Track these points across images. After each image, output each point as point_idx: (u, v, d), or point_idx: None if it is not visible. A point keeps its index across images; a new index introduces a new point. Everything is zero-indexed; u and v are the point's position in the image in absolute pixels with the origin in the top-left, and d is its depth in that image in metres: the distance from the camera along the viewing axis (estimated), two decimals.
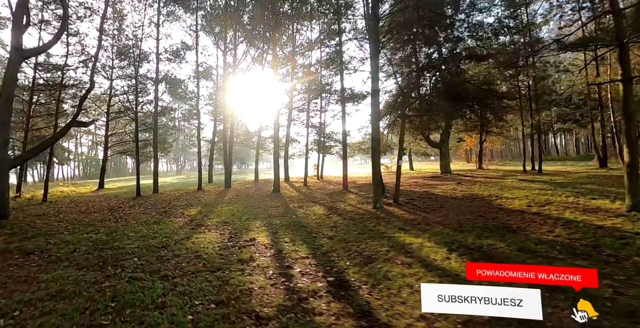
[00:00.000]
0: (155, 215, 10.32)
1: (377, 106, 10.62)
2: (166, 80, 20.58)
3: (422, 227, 7.64)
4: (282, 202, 12.60)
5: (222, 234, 7.30)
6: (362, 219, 8.68)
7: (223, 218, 9.37)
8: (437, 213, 9.38)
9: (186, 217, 9.74)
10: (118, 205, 13.34)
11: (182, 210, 11.10)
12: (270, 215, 9.75)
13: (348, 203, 11.64)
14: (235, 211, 10.50)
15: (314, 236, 6.98)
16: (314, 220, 8.72)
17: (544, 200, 10.27)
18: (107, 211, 11.62)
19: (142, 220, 9.17)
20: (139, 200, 14.76)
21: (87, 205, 13.57)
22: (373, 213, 9.54)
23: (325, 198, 13.25)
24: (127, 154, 24.90)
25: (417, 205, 10.97)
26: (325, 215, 9.51)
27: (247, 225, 8.31)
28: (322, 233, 7.29)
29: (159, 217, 9.73)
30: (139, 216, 9.95)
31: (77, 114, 9.87)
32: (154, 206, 12.63)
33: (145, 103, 21.33)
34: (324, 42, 20.66)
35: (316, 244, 6.38)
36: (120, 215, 10.32)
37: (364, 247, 6.05)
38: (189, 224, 8.59)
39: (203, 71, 21.34)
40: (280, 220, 8.80)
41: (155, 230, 7.64)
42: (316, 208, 10.83)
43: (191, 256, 5.49)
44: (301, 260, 5.36)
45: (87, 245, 6.22)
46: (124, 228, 7.99)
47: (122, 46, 19.91)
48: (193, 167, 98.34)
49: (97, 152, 64.04)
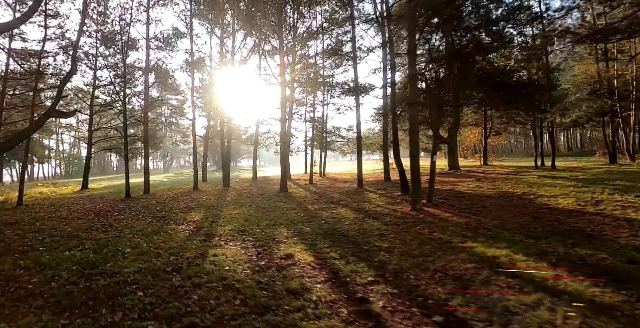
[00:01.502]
0: (152, 221, 8.67)
1: (415, 93, 9.18)
2: (156, 70, 18.69)
3: (485, 233, 6.37)
4: (296, 203, 11.10)
5: (246, 248, 5.76)
6: (407, 224, 7.29)
7: (236, 224, 7.81)
8: (485, 214, 8.14)
9: (190, 224, 8.14)
10: (105, 208, 11.59)
11: (183, 215, 9.48)
12: (291, 220, 8.24)
13: (375, 203, 10.23)
14: (248, 216, 8.95)
15: (365, 249, 5.52)
16: (350, 227, 7.26)
17: (591, 198, 9.26)
18: (93, 216, 9.90)
19: (137, 229, 7.53)
20: (129, 202, 13.00)
21: (69, 208, 11.77)
22: (415, 215, 8.16)
23: (343, 198, 11.81)
24: (112, 151, 22.86)
25: (455, 204, 9.71)
26: (358, 219, 8.06)
27: (270, 234, 6.78)
28: (373, 244, 5.85)
29: (157, 224, 8.10)
30: (132, 224, 8.29)
31: (56, 102, 8.13)
32: (147, 209, 10.94)
33: (132, 95, 19.39)
34: (329, 29, 19.13)
35: (376, 260, 4.93)
36: (109, 222, 8.63)
37: (442, 264, 4.67)
38: (197, 233, 7.02)
39: (196, 60, 19.51)
40: (309, 227, 7.31)
41: (156, 244, 6.05)
42: (342, 210, 9.38)
43: (217, 285, 3.96)
44: (373, 287, 3.92)
45: (69, 269, 4.61)
46: (116, 241, 6.36)
47: (108, 32, 17.92)
48: (180, 164, 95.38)
49: (79, 149, 60.96)
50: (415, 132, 9.08)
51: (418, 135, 9.12)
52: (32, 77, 15.31)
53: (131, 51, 18.71)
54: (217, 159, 53.41)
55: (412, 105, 9.06)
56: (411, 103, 9.05)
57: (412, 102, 9.03)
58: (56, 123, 43.80)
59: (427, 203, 9.76)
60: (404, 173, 12.38)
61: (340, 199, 11.63)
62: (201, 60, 22.22)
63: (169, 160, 77.80)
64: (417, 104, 9.10)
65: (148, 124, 17.11)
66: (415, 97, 9.10)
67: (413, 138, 9.07)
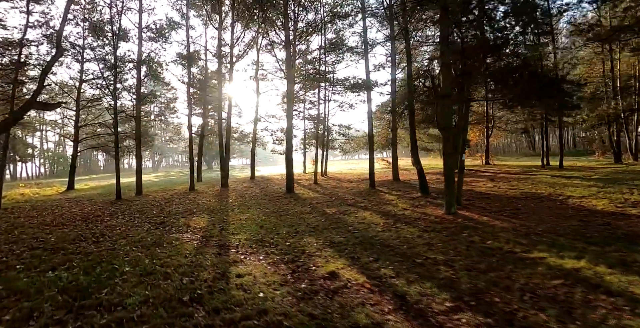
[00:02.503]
0: (150, 228, 7.55)
1: (447, 84, 8.26)
2: (149, 62, 17.39)
3: (540, 239, 5.63)
4: (309, 206, 10.09)
5: (274, 264, 4.73)
6: (449, 230, 6.40)
7: (251, 232, 6.77)
8: (526, 218, 7.34)
9: (195, 231, 7.06)
10: (94, 212, 10.38)
11: (185, 220, 8.37)
12: (313, 226, 7.24)
13: (398, 206, 9.29)
14: (260, 221, 7.90)
15: (419, 263, 4.59)
16: (386, 234, 6.30)
17: (624, 200, 8.63)
18: (81, 222, 8.71)
19: (134, 239, 6.42)
20: (121, 205, 11.79)
21: (54, 212, 10.52)
22: (452, 220, 7.26)
23: (358, 200, 10.84)
24: (100, 149, 21.39)
25: (484, 206, 8.91)
26: (390, 224, 7.11)
27: (297, 244, 5.76)
28: (425, 256, 4.92)
29: (157, 232, 6.99)
30: (128, 232, 7.17)
31: (38, 91, 6.96)
32: (143, 213, 9.79)
33: (123, 89, 18.03)
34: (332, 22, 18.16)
35: (441, 278, 4.01)
36: (100, 230, 7.48)
37: (523, 281, 3.86)
38: (207, 244, 5.95)
39: (193, 53, 18.25)
40: (339, 235, 6.31)
41: (162, 260, 4.97)
42: (365, 214, 8.41)
43: (259, 324, 2.94)
44: (458, 317, 3.01)
45: (54, 300, 3.51)
46: (110, 255, 5.24)
47: (97, 21, 16.56)
48: (169, 164, 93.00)
49: (65, 148, 58.54)
50: (447, 128, 8.17)
51: (450, 131, 8.20)
52: (11, 68, 13.91)
53: (122, 42, 17.40)
54: (207, 158, 51.78)
55: (445, 98, 8.16)
56: (444, 95, 8.15)
57: (445, 94, 8.13)
58: (40, 118, 41.69)
59: (457, 205, 8.94)
60: (423, 173, 11.54)
61: (356, 201, 10.66)
62: (197, 53, 21.01)
63: (158, 159, 75.70)
64: (450, 96, 8.18)
65: (141, 120, 15.84)
66: (448, 89, 8.20)
67: (445, 134, 8.17)
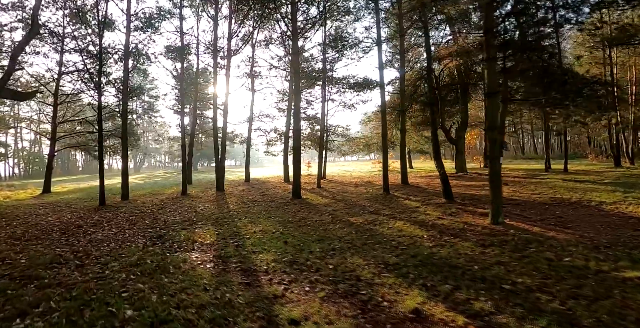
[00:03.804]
0: (147, 243, 6.20)
1: (494, 81, 7.28)
2: (136, 54, 15.84)
3: (615, 254, 4.90)
4: (328, 214, 8.90)
5: (331, 299, 3.54)
6: (511, 245, 5.52)
7: (275, 249, 5.52)
8: (577, 227, 6.64)
9: (205, 249, 5.76)
10: (75, 221, 8.88)
11: (187, 233, 7.04)
12: (346, 240, 6.06)
13: (430, 214, 8.24)
14: (280, 234, 6.66)
15: (510, 291, 3.72)
16: (442, 251, 5.21)
17: None
18: (59, 234, 7.26)
19: (129, 260, 5.07)
20: (106, 212, 10.30)
21: (27, 222, 8.95)
22: (503, 231, 6.36)
23: (378, 207, 9.73)
24: (80, 149, 19.55)
25: (522, 214, 8.18)
26: (436, 237, 6.03)
27: (343, 268, 4.56)
28: (506, 279, 4.06)
29: (156, 251, 5.66)
30: (119, 249, 5.80)
31: (8, 74, 5.56)
32: (133, 223, 8.38)
33: (107, 83, 16.39)
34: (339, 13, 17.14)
35: (552, 312, 3.08)
36: (84, 247, 6.07)
37: None
38: (226, 268, 4.69)
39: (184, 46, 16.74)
40: (388, 253, 5.17)
41: (174, 296, 3.68)
42: (398, 224, 7.30)
43: None
44: None
45: None
46: (101, 288, 3.89)
47: (80, 6, 14.92)
48: (152, 165, 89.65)
49: (41, 147, 55.10)
50: (495, 128, 7.20)
51: (498, 132, 7.25)
52: None
53: (108, 31, 15.81)
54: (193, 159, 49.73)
55: (492, 95, 7.18)
56: (491, 93, 7.18)
57: (493, 91, 7.16)
58: (14, 114, 38.78)
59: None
60: (446, 177, 10.58)
61: (377, 208, 9.54)
62: (188, 47, 19.51)
63: (140, 160, 72.76)
64: (498, 94, 7.22)
65: (127, 116, 14.29)
66: (495, 86, 7.23)
67: (492, 135, 7.18)
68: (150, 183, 23.22)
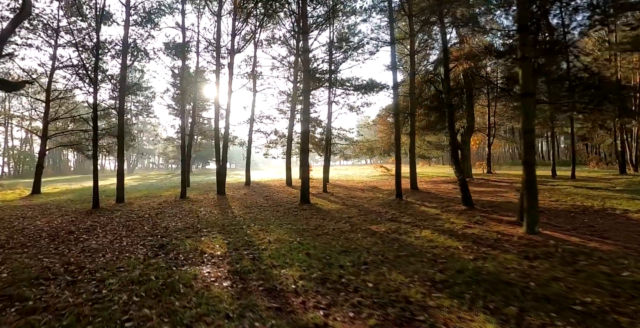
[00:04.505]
0: (148, 254, 5.46)
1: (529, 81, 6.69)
2: (134, 49, 15.09)
3: None
4: (344, 222, 8.21)
5: (383, 326, 2.88)
6: (557, 257, 4.95)
7: (299, 263, 4.81)
8: (612, 237, 6.19)
9: (217, 262, 5.03)
10: (66, 226, 8.08)
11: (193, 242, 6.30)
12: (374, 252, 5.37)
13: (455, 222, 7.60)
14: (298, 245, 5.95)
15: (586, 314, 3.19)
16: (487, 265, 4.55)
17: None
18: (48, 242, 6.48)
19: (130, 276, 4.34)
20: (100, 216, 9.50)
21: (12, 226, 8.13)
22: (543, 242, 5.85)
23: (397, 214, 9.06)
24: (72, 148, 18.63)
25: (552, 223, 7.67)
26: (473, 249, 5.39)
27: (384, 285, 3.88)
28: (574, 299, 3.46)
29: (160, 263, 4.92)
30: (116, 261, 5.06)
31: None
32: (130, 229, 7.61)
33: (102, 80, 15.62)
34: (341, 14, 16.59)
35: None
36: (76, 257, 5.31)
37: None
38: (247, 287, 3.98)
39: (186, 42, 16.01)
40: (429, 267, 4.50)
41: (188, 325, 2.99)
42: (425, 233, 6.64)
43: None
44: None
45: None
46: (98, 315, 3.18)
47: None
48: (145, 166, 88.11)
49: (32, 146, 53.64)
50: (532, 131, 6.62)
51: (534, 135, 6.67)
52: None
53: (105, 25, 15.05)
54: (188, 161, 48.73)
55: (527, 96, 6.60)
56: (527, 93, 6.60)
57: (527, 92, 6.58)
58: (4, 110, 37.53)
59: (519, 220, 7.46)
60: (465, 183, 10.00)
61: (394, 215, 8.88)
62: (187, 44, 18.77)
63: (134, 161, 71.48)
64: (534, 95, 6.66)
65: (124, 115, 13.51)
66: (531, 86, 6.65)
67: (529, 138, 6.59)
68: (146, 185, 22.33)
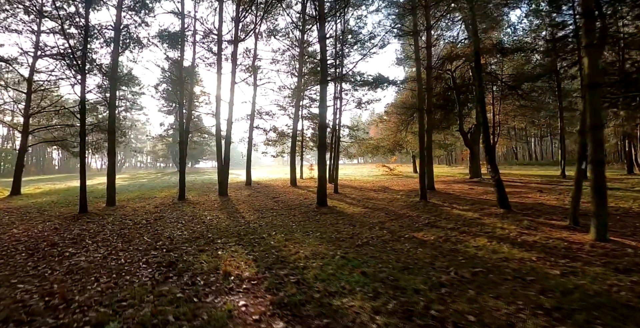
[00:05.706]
0: (155, 277, 4.24)
1: (595, 70, 5.76)
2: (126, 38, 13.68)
3: None
4: (376, 228, 7.10)
5: None
6: None
7: (359, 287, 3.68)
8: None
9: (248, 286, 3.87)
10: (48, 235, 6.78)
11: (208, 257, 5.11)
12: (441, 268, 4.27)
13: (505, 228, 6.57)
14: (338, 258, 4.81)
15: None
16: (584, 282, 3.51)
17: None
18: (26, 257, 5.21)
19: (138, 316, 3.16)
20: (89, 223, 8.19)
21: None
22: (622, 250, 5.02)
23: (433, 219, 7.98)
24: (56, 144, 17.06)
25: (611, 228, 6.59)
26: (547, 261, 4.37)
27: (487, 316, 2.80)
28: None
29: (175, 292, 3.73)
30: (114, 289, 3.84)
31: None
32: (127, 240, 6.36)
33: (91, 69, 14.15)
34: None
35: None
36: (59, 282, 4.08)
37: None
38: (304, 326, 2.85)
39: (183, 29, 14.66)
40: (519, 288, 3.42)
41: None
42: (483, 242, 5.58)
43: None
44: None
45: None
46: None
47: None
48: (132, 165, 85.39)
49: (15, 143, 51.03)
50: (601, 127, 5.71)
51: (602, 132, 5.76)
52: None
53: (95, 10, 13.60)
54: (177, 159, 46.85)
55: (595, 87, 5.68)
56: (594, 84, 5.68)
57: (595, 82, 5.67)
58: None
59: (573, 225, 6.66)
60: (502, 184, 9.07)
61: (430, 220, 7.81)
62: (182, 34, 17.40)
63: (122, 160, 69.16)
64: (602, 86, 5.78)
65: (115, 108, 12.15)
66: (598, 77, 5.76)
67: (597, 135, 5.67)
68: (137, 185, 20.83)
